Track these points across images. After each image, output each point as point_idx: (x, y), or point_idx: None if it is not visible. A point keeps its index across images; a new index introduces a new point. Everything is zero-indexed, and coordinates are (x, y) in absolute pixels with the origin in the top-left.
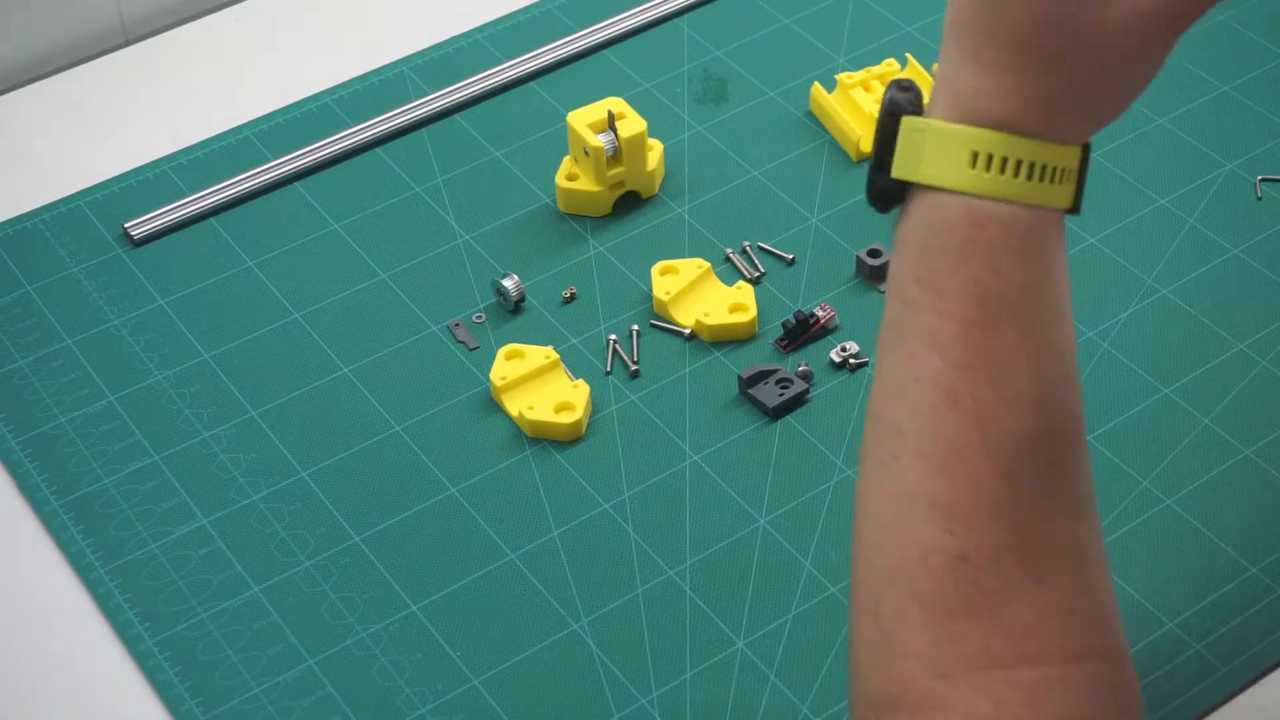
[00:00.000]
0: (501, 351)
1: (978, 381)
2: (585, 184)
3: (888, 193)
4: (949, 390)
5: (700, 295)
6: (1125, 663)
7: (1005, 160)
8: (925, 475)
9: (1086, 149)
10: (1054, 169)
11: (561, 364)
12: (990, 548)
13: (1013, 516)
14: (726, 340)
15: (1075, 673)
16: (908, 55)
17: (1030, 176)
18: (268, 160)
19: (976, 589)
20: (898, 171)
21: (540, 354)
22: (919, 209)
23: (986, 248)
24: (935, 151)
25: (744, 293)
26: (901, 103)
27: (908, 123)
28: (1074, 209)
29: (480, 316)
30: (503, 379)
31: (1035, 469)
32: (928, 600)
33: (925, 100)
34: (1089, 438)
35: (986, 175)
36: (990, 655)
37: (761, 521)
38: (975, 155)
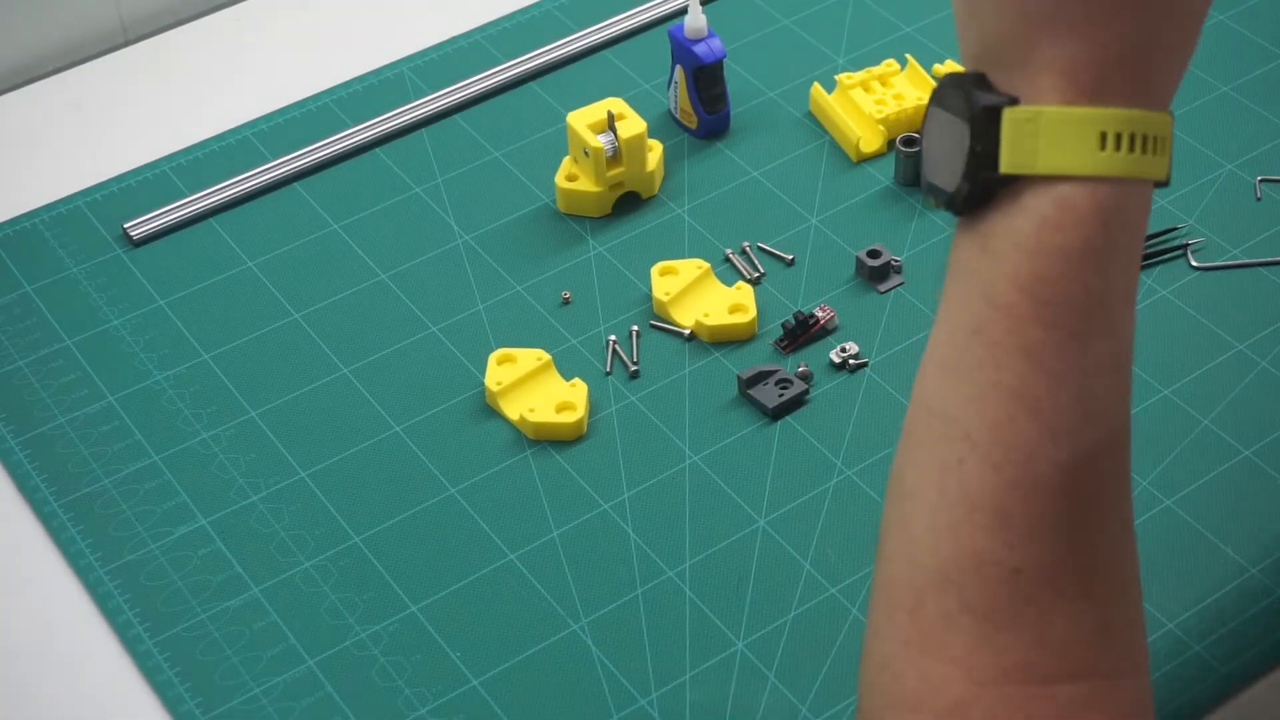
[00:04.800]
0: (493, 356)
1: (1064, 394)
2: (585, 184)
3: (984, 196)
4: (1033, 401)
5: (700, 296)
6: (1148, 677)
7: (1134, 137)
8: (992, 486)
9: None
10: (1160, 139)
11: (553, 365)
12: (1046, 563)
13: (1071, 531)
14: (726, 341)
15: (1108, 689)
16: (908, 56)
17: (1146, 150)
18: (267, 160)
19: (1026, 602)
20: (1011, 167)
21: (532, 356)
22: (1033, 205)
23: (1105, 254)
24: (1058, 138)
25: (744, 293)
26: (993, 102)
27: (1013, 114)
28: (1167, 179)
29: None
30: (498, 384)
31: (1099, 482)
32: (976, 609)
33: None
34: None
35: (1118, 155)
36: (1029, 670)
37: (761, 522)
38: (1104, 136)
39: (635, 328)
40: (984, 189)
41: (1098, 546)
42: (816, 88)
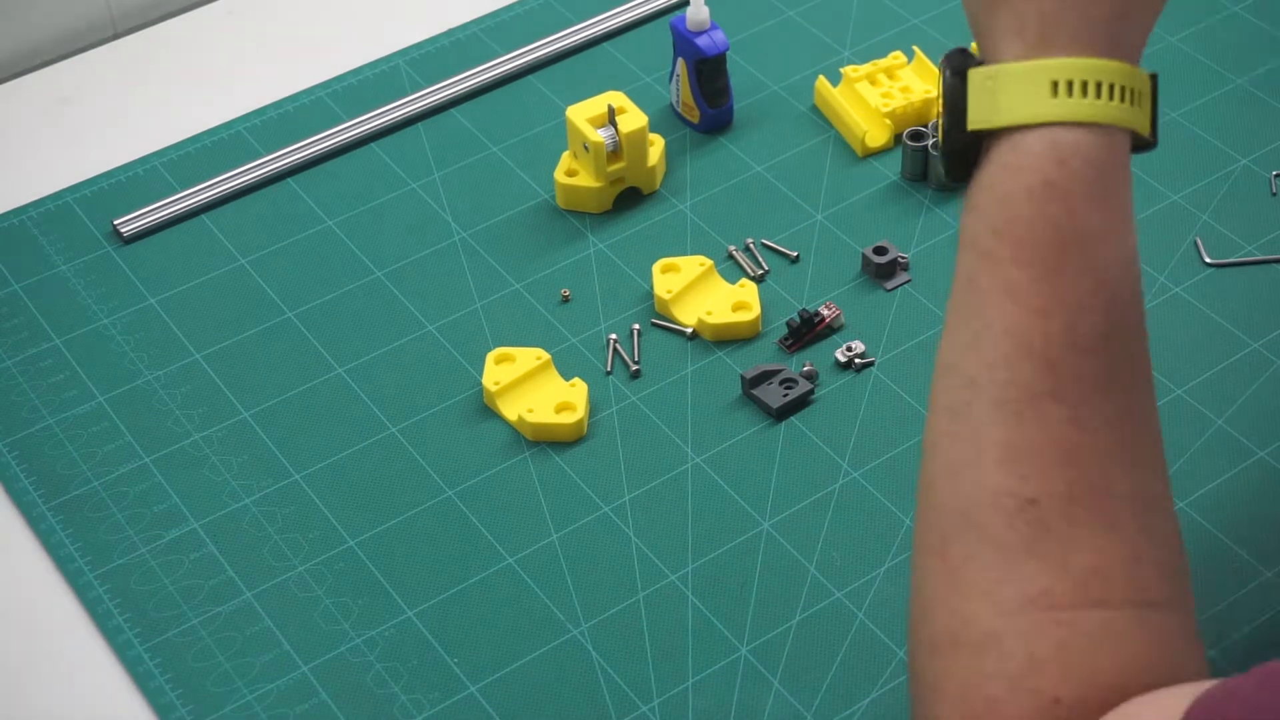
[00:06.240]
0: (491, 356)
1: (1052, 328)
2: (585, 180)
3: (965, 154)
4: (1023, 337)
5: (702, 293)
6: (1193, 617)
7: (1086, 84)
8: (998, 422)
9: (1154, 77)
10: (1130, 90)
11: (552, 364)
12: (1060, 493)
13: (1083, 463)
14: (729, 339)
15: (1141, 619)
16: (915, 48)
17: (1113, 97)
18: (260, 155)
19: (1044, 532)
20: (974, 123)
21: (530, 355)
22: (998, 155)
23: (1065, 189)
24: (1013, 91)
25: (747, 291)
26: (962, 62)
27: (976, 74)
28: (1152, 136)
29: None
30: (496, 384)
31: (1106, 417)
32: (996, 542)
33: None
34: None
35: (1070, 100)
36: (1053, 597)
37: (765, 525)
38: (1055, 84)
39: (636, 326)
40: (961, 150)
41: (1115, 480)
42: (821, 81)
